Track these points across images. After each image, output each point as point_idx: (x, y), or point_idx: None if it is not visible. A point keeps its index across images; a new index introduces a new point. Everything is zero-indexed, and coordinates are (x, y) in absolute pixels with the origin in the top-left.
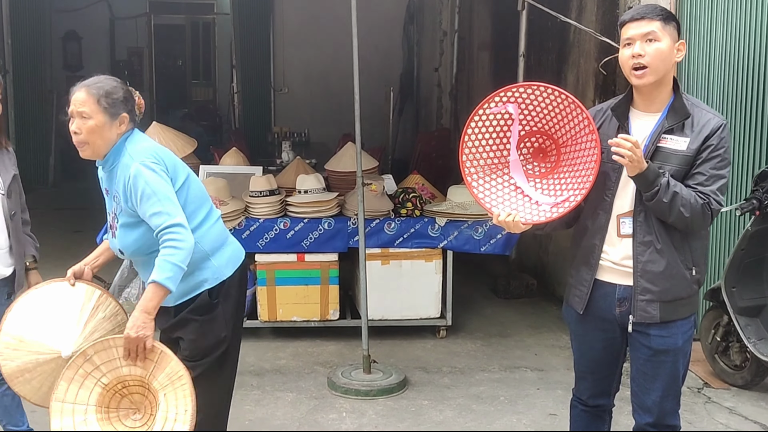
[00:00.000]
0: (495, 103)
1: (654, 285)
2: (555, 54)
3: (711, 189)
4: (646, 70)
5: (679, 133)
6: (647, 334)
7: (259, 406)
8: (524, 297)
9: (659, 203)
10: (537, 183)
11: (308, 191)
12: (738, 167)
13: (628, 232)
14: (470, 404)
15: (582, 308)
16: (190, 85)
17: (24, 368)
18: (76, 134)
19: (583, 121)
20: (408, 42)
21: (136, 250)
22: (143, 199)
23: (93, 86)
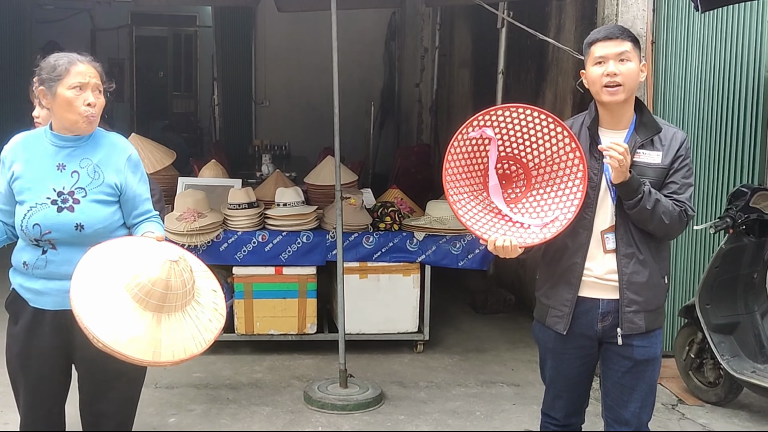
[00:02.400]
0: (473, 128)
1: (639, 296)
2: (534, 72)
3: (684, 197)
4: (619, 87)
5: (650, 148)
6: (631, 345)
7: (234, 419)
8: (502, 312)
9: (642, 211)
10: (513, 208)
11: (287, 204)
12: (712, 186)
13: (612, 247)
14: (446, 419)
15: (565, 328)
16: (171, 97)
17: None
18: (91, 106)
19: (563, 140)
20: (389, 58)
21: (101, 228)
22: (142, 181)
23: (97, 65)
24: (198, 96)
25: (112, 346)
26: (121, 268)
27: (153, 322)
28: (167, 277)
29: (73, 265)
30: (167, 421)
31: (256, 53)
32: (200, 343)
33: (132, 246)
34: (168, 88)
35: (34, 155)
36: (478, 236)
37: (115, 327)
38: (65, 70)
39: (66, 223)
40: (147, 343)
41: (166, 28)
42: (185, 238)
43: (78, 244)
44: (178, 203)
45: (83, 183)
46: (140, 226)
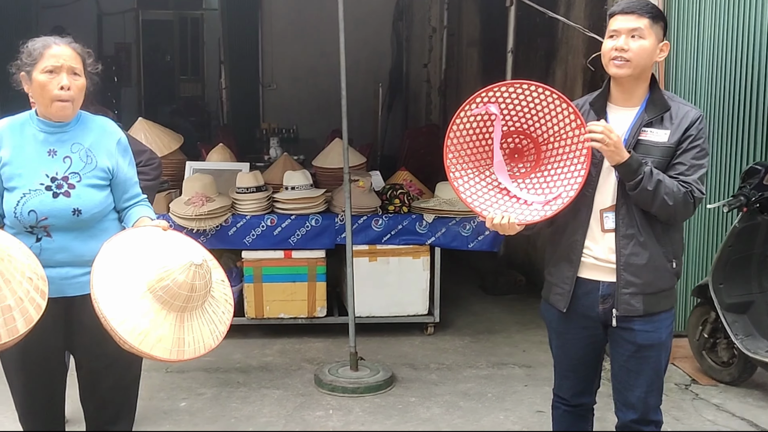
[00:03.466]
0: (476, 104)
1: (637, 278)
2: (543, 50)
3: (692, 178)
4: (626, 63)
5: (659, 126)
6: (631, 329)
7: (245, 403)
8: (512, 293)
9: (643, 192)
10: (520, 183)
11: (295, 188)
12: (725, 164)
13: (611, 226)
14: (458, 401)
15: (565, 306)
16: (178, 81)
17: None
18: (65, 89)
19: (569, 116)
20: (397, 38)
21: (97, 212)
22: (131, 165)
23: (77, 46)
24: (205, 80)
25: (139, 348)
26: (143, 267)
27: (177, 323)
28: (192, 281)
29: (68, 252)
30: (178, 405)
31: (263, 36)
32: (217, 336)
33: (150, 242)
34: (175, 72)
35: (22, 141)
36: (477, 213)
37: (142, 329)
38: (39, 54)
39: (63, 208)
40: (172, 342)
41: (172, 12)
42: (194, 222)
43: (74, 229)
44: (186, 188)
45: (77, 168)
46: (132, 209)
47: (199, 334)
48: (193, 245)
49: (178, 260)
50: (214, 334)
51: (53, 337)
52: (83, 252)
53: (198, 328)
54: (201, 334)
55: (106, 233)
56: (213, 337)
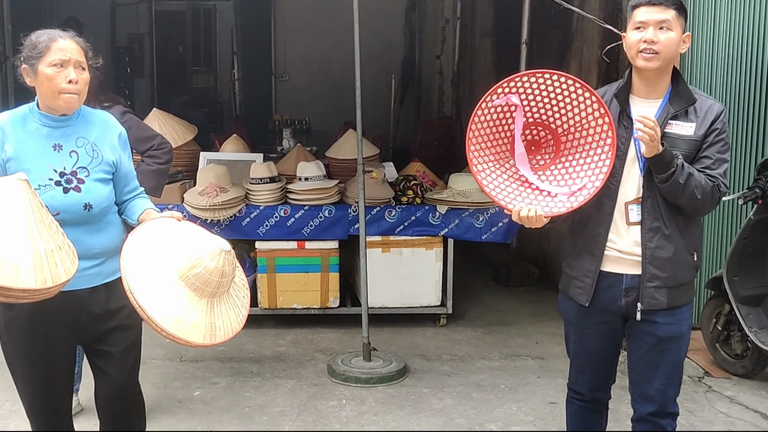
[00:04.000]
0: (497, 95)
1: (662, 271)
2: (558, 41)
3: (718, 172)
4: (655, 55)
5: (684, 119)
6: (654, 322)
7: (258, 392)
8: (525, 285)
9: (675, 184)
10: (541, 175)
11: (309, 178)
12: (741, 156)
13: (636, 219)
14: (470, 392)
15: (587, 300)
16: (190, 72)
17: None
18: (73, 83)
19: (591, 105)
20: (410, 29)
21: (106, 206)
22: (130, 158)
23: (80, 40)
24: (217, 71)
25: (176, 334)
26: (171, 256)
27: (208, 308)
28: (222, 266)
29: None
30: (192, 394)
31: (276, 27)
32: (241, 319)
33: (172, 233)
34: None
35: (25, 135)
36: (502, 206)
37: (177, 316)
38: (45, 47)
39: (74, 203)
40: (205, 327)
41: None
42: (208, 213)
43: (83, 223)
44: (200, 178)
45: (84, 162)
46: (133, 202)
47: (227, 317)
48: (209, 234)
49: (207, 248)
50: (239, 317)
51: (60, 331)
52: (92, 245)
53: (226, 312)
54: (229, 318)
55: (111, 226)
56: (238, 320)
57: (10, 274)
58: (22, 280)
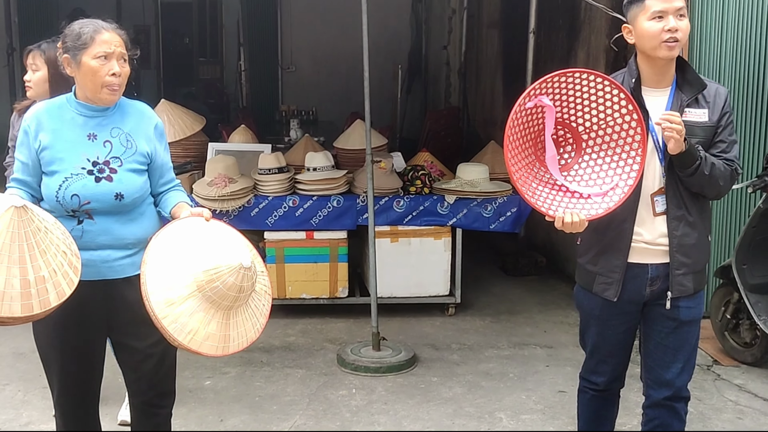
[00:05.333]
0: (529, 98)
1: (688, 258)
2: (565, 31)
3: (733, 154)
4: (677, 44)
5: (696, 106)
6: (677, 306)
7: (268, 382)
8: (533, 274)
9: (701, 176)
10: (566, 176)
11: (317, 169)
12: (750, 145)
13: (662, 209)
14: (479, 381)
15: (615, 295)
16: (197, 63)
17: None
18: (116, 76)
19: (620, 102)
20: (416, 20)
21: (138, 197)
22: (167, 150)
23: (122, 33)
24: (224, 62)
25: (188, 346)
26: (192, 264)
27: (223, 320)
28: (241, 283)
29: (110, 235)
30: (203, 383)
31: (282, 18)
32: (258, 328)
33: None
34: (194, 55)
35: (61, 125)
36: (543, 213)
37: (191, 328)
38: (90, 38)
39: (106, 193)
40: (219, 339)
41: None
42: (216, 203)
43: (115, 213)
44: (209, 169)
45: (117, 152)
46: (168, 194)
47: (243, 329)
48: (236, 237)
49: (228, 260)
50: (255, 327)
51: (93, 321)
52: (124, 235)
53: (242, 323)
54: (245, 329)
55: (144, 216)
56: (254, 330)
57: None
58: (6, 309)
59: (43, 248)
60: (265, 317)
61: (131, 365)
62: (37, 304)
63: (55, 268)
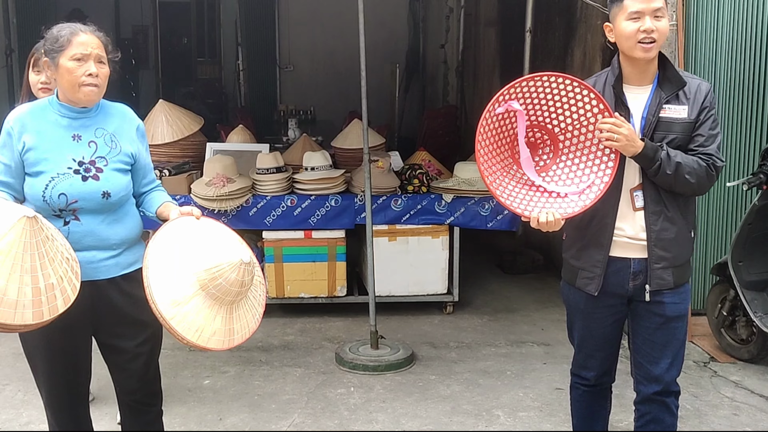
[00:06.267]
0: (498, 103)
1: (667, 252)
2: (562, 30)
3: (712, 148)
4: (654, 44)
5: (676, 102)
6: (661, 302)
7: (267, 381)
8: (531, 273)
9: (664, 176)
10: (544, 177)
11: (315, 168)
12: (745, 142)
13: (641, 204)
14: (477, 379)
15: (597, 289)
16: (195, 63)
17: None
18: (93, 77)
19: (590, 102)
20: (414, 19)
21: (124, 196)
22: (148, 151)
23: (101, 35)
24: (222, 62)
25: (197, 343)
26: (193, 264)
27: (227, 315)
28: (242, 278)
29: (95, 236)
30: (202, 382)
31: (280, 17)
32: (257, 318)
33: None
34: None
35: (45, 126)
36: (519, 214)
37: (198, 326)
38: (67, 40)
39: (93, 191)
40: (224, 333)
41: None
42: (215, 203)
43: (101, 212)
44: (207, 169)
45: (102, 152)
46: (151, 194)
47: (245, 320)
48: (228, 234)
49: (228, 257)
50: (255, 317)
51: (78, 322)
52: (108, 235)
53: (243, 315)
54: (246, 321)
55: (128, 217)
56: (255, 320)
57: (8, 311)
58: (19, 317)
59: (51, 256)
60: (262, 306)
61: (120, 365)
62: (47, 311)
63: (61, 274)
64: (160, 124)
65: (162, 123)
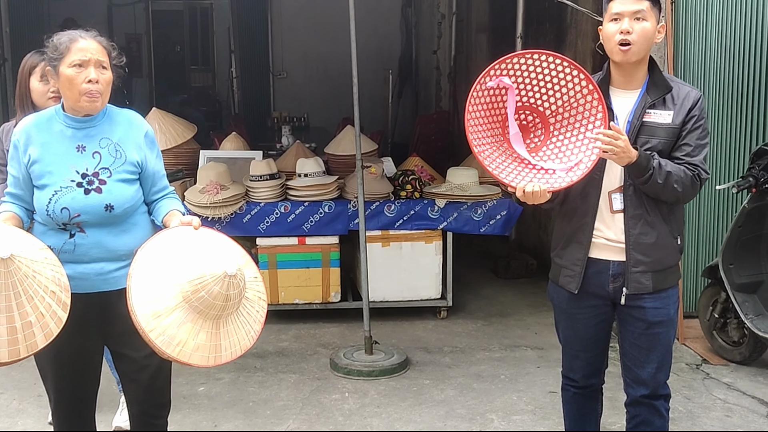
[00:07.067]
0: (490, 77)
1: (646, 256)
2: (552, 35)
3: (698, 159)
4: (630, 47)
5: (662, 107)
6: (642, 307)
7: (262, 387)
8: (524, 277)
9: (654, 185)
10: (534, 156)
11: (308, 175)
12: (735, 145)
13: (619, 207)
14: (471, 383)
15: (576, 288)
16: (188, 71)
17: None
18: (93, 83)
19: (580, 83)
20: (406, 25)
21: (129, 207)
22: (159, 157)
23: (103, 40)
24: (215, 69)
25: (177, 358)
26: (179, 275)
27: (213, 330)
28: (227, 291)
29: (102, 247)
30: (197, 389)
31: (273, 24)
32: (252, 336)
33: (184, 246)
34: (185, 62)
35: (50, 138)
36: (505, 183)
37: (179, 339)
38: (66, 48)
39: (95, 205)
40: (209, 349)
41: (181, 2)
42: (209, 210)
43: (106, 225)
44: (201, 176)
45: (106, 163)
46: (161, 202)
47: (235, 337)
48: (226, 244)
49: (213, 269)
50: (249, 334)
51: (89, 333)
52: (117, 246)
53: (234, 331)
54: (237, 337)
55: (137, 227)
56: (248, 338)
57: None
58: None
59: (31, 294)
60: (259, 324)
61: (129, 374)
62: (23, 349)
63: (42, 311)
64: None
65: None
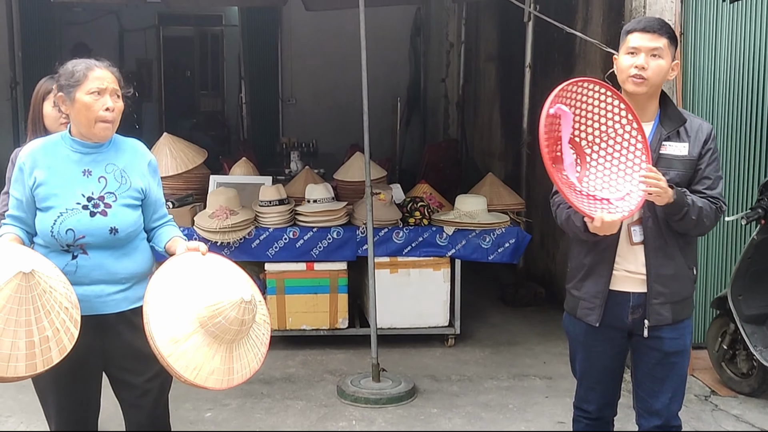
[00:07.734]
0: (551, 105)
1: (665, 288)
2: (561, 65)
3: (718, 192)
4: (644, 81)
5: (676, 139)
6: (660, 337)
7: (269, 414)
8: (532, 305)
9: (688, 221)
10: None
11: (317, 200)
12: (743, 177)
13: (639, 239)
14: (479, 412)
15: (597, 320)
16: (198, 96)
17: None
18: (110, 111)
19: (620, 113)
20: (415, 53)
21: (132, 231)
22: (160, 186)
23: (114, 70)
24: (225, 95)
25: (194, 381)
26: (194, 301)
27: (226, 354)
28: (242, 316)
29: (104, 270)
30: (203, 416)
31: (282, 51)
32: (259, 358)
33: (196, 272)
34: (195, 88)
35: (56, 161)
36: (585, 214)
37: (196, 364)
38: (83, 75)
39: (101, 227)
40: (223, 372)
41: (192, 28)
42: (218, 235)
43: (109, 247)
44: (211, 201)
45: (112, 188)
46: (161, 229)
47: (246, 360)
48: (234, 270)
49: (229, 295)
50: (257, 357)
51: (87, 356)
52: (117, 270)
53: (245, 354)
54: (247, 360)
55: (137, 251)
56: (257, 360)
57: (1, 365)
58: (11, 370)
59: (48, 309)
60: (265, 346)
61: (130, 401)
62: (40, 363)
63: (58, 326)
64: (164, 157)
65: (166, 156)
